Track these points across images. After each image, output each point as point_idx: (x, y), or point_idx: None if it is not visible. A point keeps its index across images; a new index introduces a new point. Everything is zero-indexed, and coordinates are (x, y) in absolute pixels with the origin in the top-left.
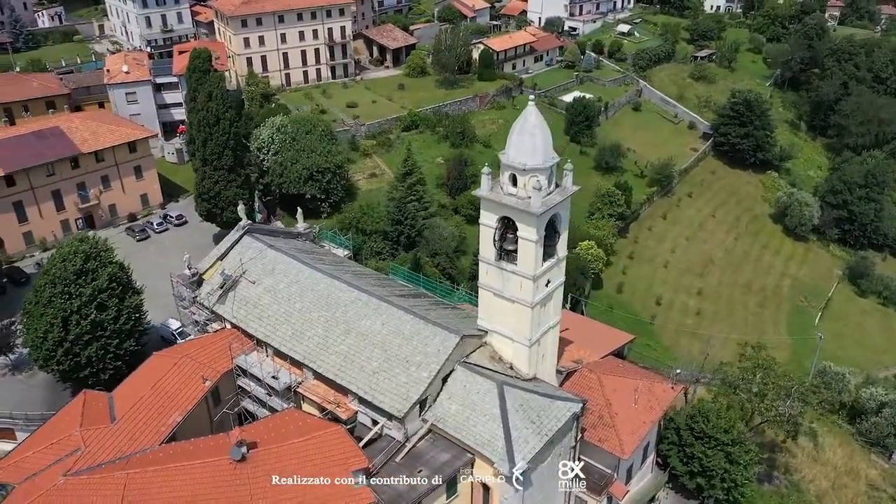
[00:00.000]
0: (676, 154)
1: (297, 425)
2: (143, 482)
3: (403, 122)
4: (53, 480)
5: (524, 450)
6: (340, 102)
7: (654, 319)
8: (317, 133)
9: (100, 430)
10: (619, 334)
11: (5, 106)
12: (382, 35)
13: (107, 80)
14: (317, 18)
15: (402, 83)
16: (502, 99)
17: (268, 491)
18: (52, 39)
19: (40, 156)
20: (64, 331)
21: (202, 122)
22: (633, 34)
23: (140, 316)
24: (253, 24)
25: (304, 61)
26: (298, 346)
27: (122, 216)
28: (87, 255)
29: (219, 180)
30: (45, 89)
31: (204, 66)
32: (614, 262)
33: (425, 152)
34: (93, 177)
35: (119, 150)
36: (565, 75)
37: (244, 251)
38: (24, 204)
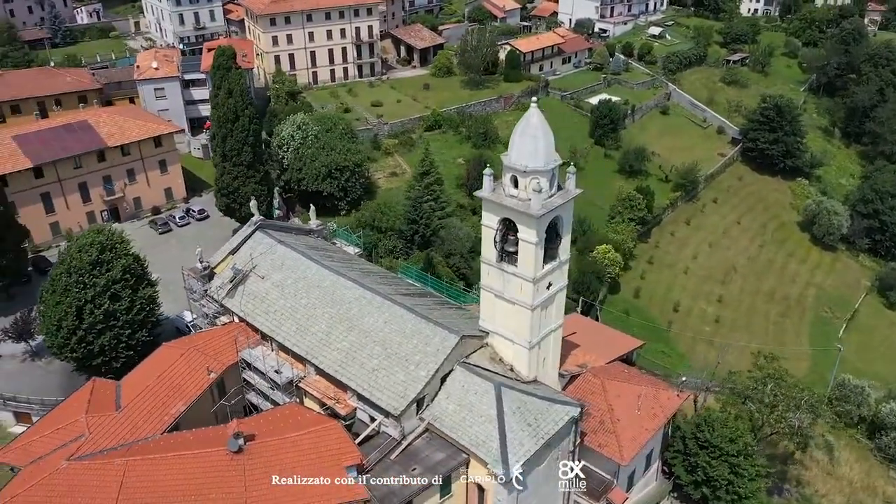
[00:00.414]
0: (703, 159)
1: (295, 419)
2: (142, 469)
3: (426, 122)
4: (57, 464)
5: (519, 452)
6: (365, 101)
7: (671, 326)
8: (337, 131)
9: (104, 418)
10: (628, 340)
11: (38, 100)
12: (410, 35)
13: (136, 76)
14: (344, 17)
15: (428, 83)
16: (527, 100)
17: (262, 482)
18: (90, 35)
19: (68, 149)
20: (78, 319)
21: (222, 119)
22: (665, 37)
23: (153, 307)
24: (281, 23)
25: (331, 60)
26: (302, 342)
27: (146, 209)
28: (102, 246)
29: (238, 176)
30: (78, 84)
31: (227, 64)
32: (633, 266)
33: (447, 152)
34: (118, 170)
35: (144, 145)
36: (593, 77)
37: (255, 246)
38: (52, 195)
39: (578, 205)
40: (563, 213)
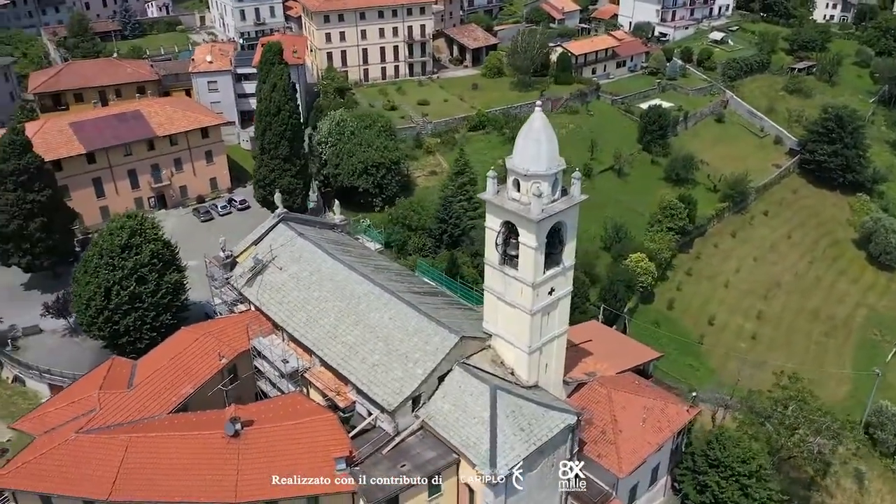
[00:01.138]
0: (757, 170)
1: (294, 409)
2: (143, 446)
3: (471, 122)
4: (67, 436)
5: (509, 455)
6: (412, 99)
7: (703, 340)
8: (375, 128)
9: (116, 395)
10: (645, 350)
11: (100, 89)
12: (464, 34)
13: (191, 69)
14: (397, 16)
15: (477, 83)
16: (576, 103)
17: (254, 466)
18: (157, 29)
19: (119, 136)
20: (106, 300)
21: (262, 112)
22: (727, 42)
23: (178, 292)
24: (335, 20)
25: (382, 58)
26: (310, 333)
27: (191, 197)
28: (132, 231)
29: (274, 168)
30: (137, 75)
31: (273, 59)
32: (670, 277)
33: (488, 153)
34: (166, 159)
35: (192, 135)
36: (647, 82)
37: (277, 238)
38: (103, 181)
39: (618, 211)
40: (567, 219)
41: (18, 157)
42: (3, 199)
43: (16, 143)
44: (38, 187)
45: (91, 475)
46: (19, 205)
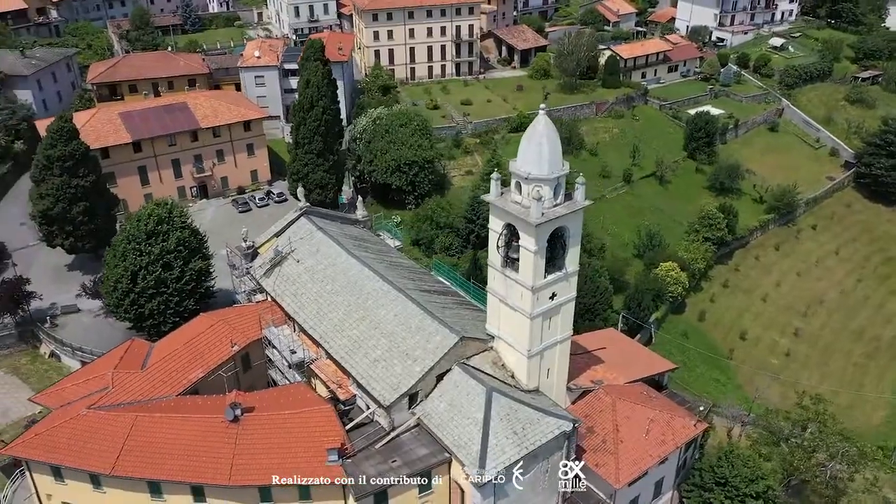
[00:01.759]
0: (809, 181)
1: (295, 398)
2: (147, 425)
3: (512, 123)
4: (78, 411)
5: (499, 458)
6: (456, 99)
7: (733, 354)
8: (411, 127)
9: (129, 374)
10: (660, 361)
11: (153, 81)
12: (513, 35)
13: (239, 63)
14: (446, 16)
15: (522, 84)
16: (622, 107)
17: (250, 452)
18: (217, 24)
19: (165, 127)
20: (132, 283)
21: (297, 107)
22: (787, 49)
23: (202, 279)
24: (383, 18)
25: (429, 57)
26: (318, 326)
27: (232, 188)
28: (160, 218)
29: (308, 163)
30: (189, 68)
31: (315, 55)
32: (704, 288)
33: None
34: (209, 150)
35: (235, 128)
36: (698, 88)
37: (297, 231)
38: (147, 169)
39: (656, 218)
40: (570, 224)
41: (65, 144)
42: (49, 183)
43: (63, 130)
44: (82, 173)
45: (97, 450)
46: (64, 189)
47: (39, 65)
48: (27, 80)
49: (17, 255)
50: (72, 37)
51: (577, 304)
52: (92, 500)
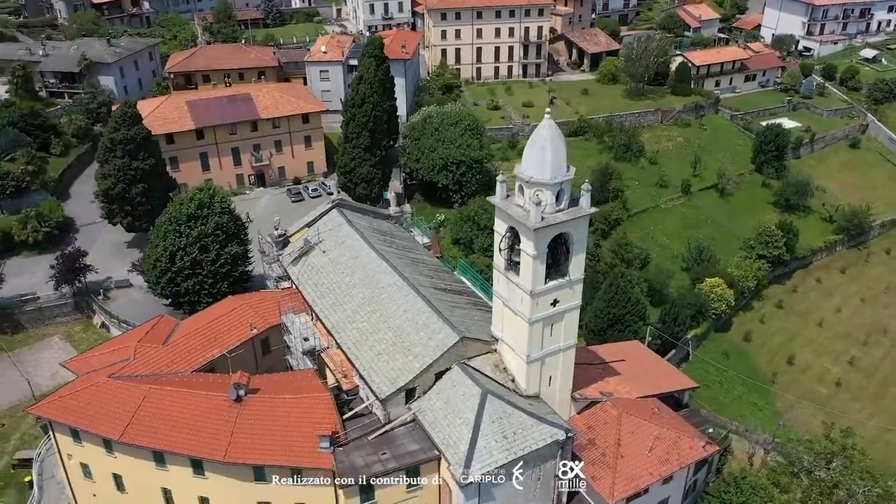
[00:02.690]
0: (887, 203)
1: (300, 384)
2: (158, 398)
3: (570, 127)
4: (99, 379)
5: (486, 461)
6: (518, 101)
7: (776, 378)
8: (461, 126)
9: (151, 348)
10: (680, 378)
11: (225, 72)
12: (584, 38)
13: (306, 58)
14: (515, 17)
15: (588, 88)
16: (689, 116)
17: (247, 431)
18: (297, 19)
19: (227, 116)
20: (170, 263)
21: (348, 103)
22: (880, 61)
23: (237, 263)
24: (452, 18)
25: (496, 57)
26: (332, 316)
27: (288, 178)
28: (200, 202)
29: (355, 157)
30: (259, 61)
31: (374, 53)
32: (755, 307)
33: (583, 160)
34: (268, 140)
35: (293, 120)
36: (776, 99)
37: (328, 222)
38: (209, 155)
39: (711, 232)
40: (573, 231)
41: (128, 128)
42: (111, 164)
43: (127, 116)
44: (142, 156)
45: (110, 416)
46: (125, 170)
47: (123, 53)
48: (110, 67)
49: (83, 230)
50: (161, 27)
51: (606, 314)
52: (104, 463)
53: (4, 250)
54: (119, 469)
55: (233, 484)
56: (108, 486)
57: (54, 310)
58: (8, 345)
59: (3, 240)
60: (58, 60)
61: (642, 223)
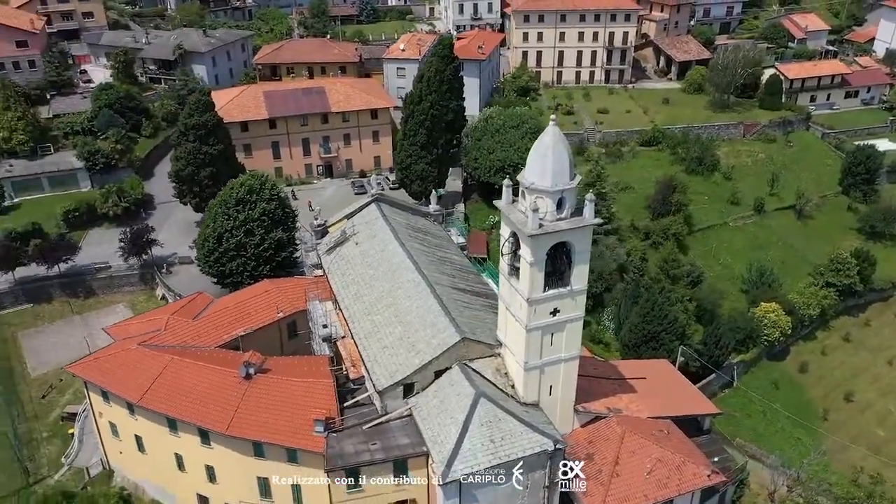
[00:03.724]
0: None
1: (308, 369)
2: (178, 368)
3: (644, 136)
4: (130, 345)
5: (468, 462)
6: (594, 107)
7: (828, 415)
8: (522, 129)
9: (181, 322)
10: (700, 402)
11: (308, 65)
12: (674, 45)
13: (384, 55)
14: (599, 21)
15: (669, 97)
16: (775, 131)
17: (251, 408)
18: (390, 16)
19: (298, 108)
20: (217, 243)
21: (407, 100)
22: None
23: (281, 248)
24: (535, 20)
25: (578, 62)
26: (352, 306)
27: (355, 171)
28: (250, 188)
29: (412, 154)
30: (341, 56)
31: (444, 52)
32: (819, 338)
33: (653, 171)
34: (337, 133)
35: (363, 115)
36: (879, 118)
37: (365, 216)
38: (280, 145)
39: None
40: (575, 241)
41: (200, 115)
42: (183, 147)
43: (200, 103)
44: (212, 142)
45: (133, 381)
46: (195, 154)
47: (216, 44)
48: (203, 57)
49: (160, 207)
50: (260, 21)
51: (641, 330)
52: (128, 424)
53: (88, 221)
54: (140, 431)
55: (235, 457)
56: (131, 445)
57: (122, 279)
58: (79, 308)
59: (87, 211)
60: (157, 48)
61: (706, 240)
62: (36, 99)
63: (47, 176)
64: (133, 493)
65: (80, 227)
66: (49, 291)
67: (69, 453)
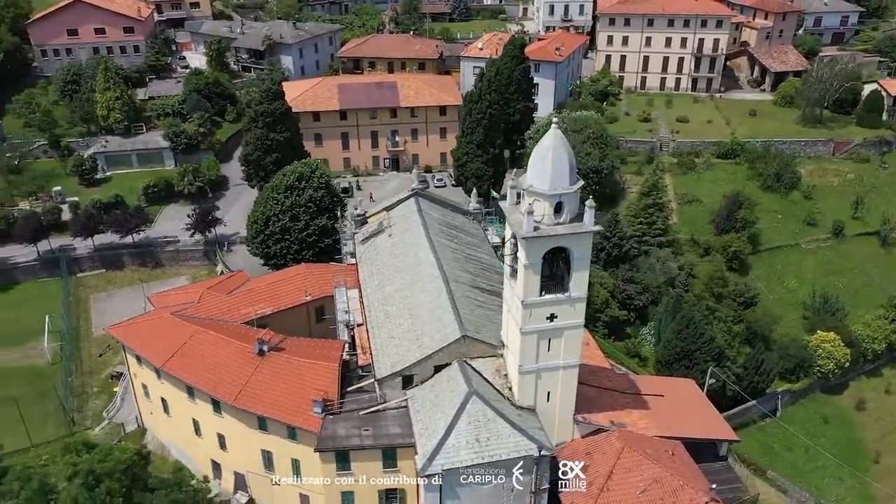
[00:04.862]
0: None
1: (320, 352)
2: (201, 338)
3: (721, 148)
4: (165, 314)
5: (450, 458)
6: (674, 115)
7: (880, 459)
8: (584, 133)
9: (214, 296)
10: (718, 428)
11: (389, 60)
12: (770, 55)
13: (461, 53)
14: (689, 27)
15: (757, 109)
16: (869, 151)
17: (259, 383)
18: (483, 15)
19: (369, 101)
20: (264, 226)
21: (466, 98)
22: None
23: (324, 235)
24: (620, 24)
25: (664, 68)
26: (372, 296)
27: (420, 166)
28: (300, 175)
29: (468, 152)
30: (421, 52)
31: (513, 53)
32: (886, 375)
33: (724, 185)
34: (405, 127)
35: (431, 111)
36: None
37: (403, 209)
38: (349, 136)
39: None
40: (573, 247)
41: (269, 103)
42: (253, 133)
43: (271, 92)
44: (279, 129)
45: (160, 347)
46: (262, 140)
47: (303, 36)
48: (290, 48)
49: (233, 188)
50: (355, 16)
51: (674, 347)
52: (156, 386)
53: (166, 197)
54: (165, 394)
55: (242, 428)
56: (158, 407)
57: (187, 254)
58: (146, 277)
59: (165, 188)
60: (249, 38)
61: (772, 260)
62: (136, 81)
63: (136, 153)
64: (160, 452)
65: (158, 202)
66: (122, 259)
67: (110, 409)
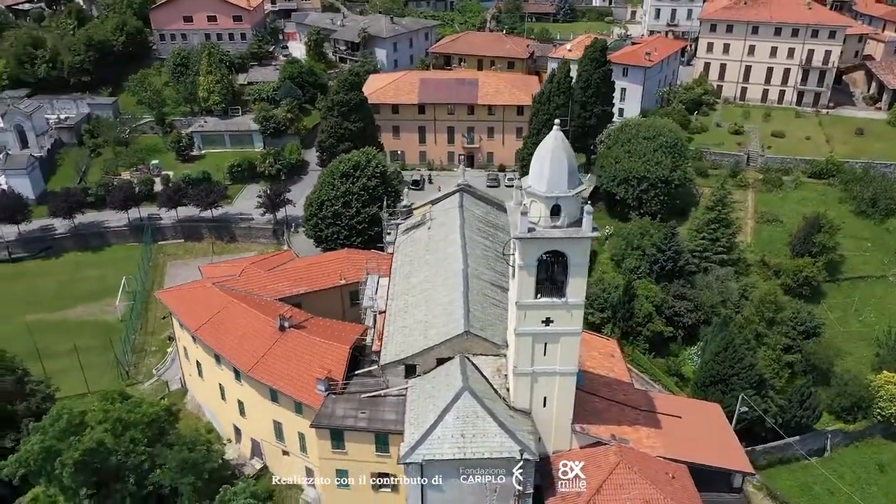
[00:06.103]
0: None
1: (337, 334)
2: (233, 308)
3: (815, 167)
4: (208, 284)
5: (432, 449)
6: (770, 128)
7: None
8: (657, 141)
9: (255, 272)
10: (734, 458)
11: (479, 57)
12: (891, 71)
13: (549, 53)
14: (798, 37)
15: (865, 128)
16: None
17: (277, 357)
18: (588, 17)
19: (447, 97)
20: (318, 210)
21: (535, 99)
22: None
23: (374, 224)
24: (722, 30)
25: (767, 79)
26: (396, 286)
27: (495, 164)
28: (356, 164)
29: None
30: (511, 51)
31: (594, 55)
32: None
33: (810, 206)
34: (482, 125)
35: (508, 110)
36: None
37: (446, 203)
38: (426, 130)
39: None
40: (570, 252)
41: (346, 93)
42: (328, 121)
43: (348, 82)
44: (353, 118)
45: (197, 313)
46: (336, 128)
47: (399, 31)
48: (385, 42)
49: (312, 173)
50: (458, 13)
51: (710, 370)
52: (193, 350)
53: (249, 177)
54: (199, 358)
55: (257, 397)
56: (195, 370)
57: (259, 231)
58: (219, 250)
59: (248, 168)
60: (347, 31)
61: (852, 291)
62: (238, 67)
63: (230, 134)
64: (196, 412)
65: (241, 181)
66: (201, 232)
67: (160, 368)
